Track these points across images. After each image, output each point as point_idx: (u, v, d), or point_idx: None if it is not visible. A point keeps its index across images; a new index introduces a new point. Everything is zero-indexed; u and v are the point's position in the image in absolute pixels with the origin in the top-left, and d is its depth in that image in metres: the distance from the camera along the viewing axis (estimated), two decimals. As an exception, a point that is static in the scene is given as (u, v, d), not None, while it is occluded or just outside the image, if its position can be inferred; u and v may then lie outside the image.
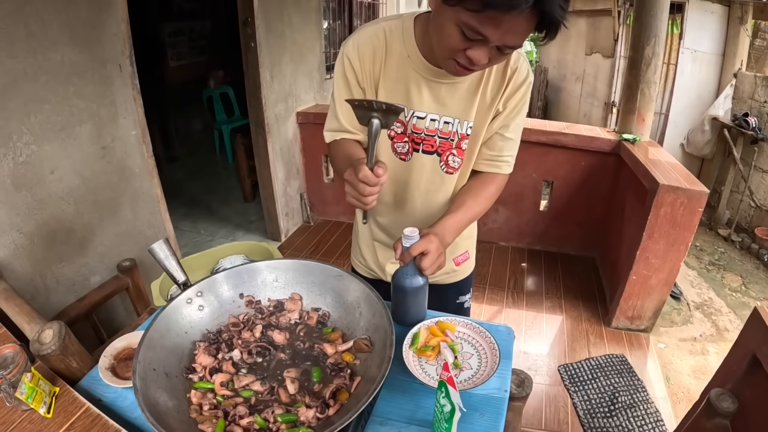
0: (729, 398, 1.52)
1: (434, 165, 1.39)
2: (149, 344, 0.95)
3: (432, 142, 1.35)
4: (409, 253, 1.12)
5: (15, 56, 1.91)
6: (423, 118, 1.32)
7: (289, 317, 1.13)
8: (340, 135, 1.39)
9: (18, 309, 1.72)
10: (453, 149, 1.36)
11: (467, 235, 1.64)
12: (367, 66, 1.30)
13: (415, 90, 1.29)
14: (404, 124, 1.34)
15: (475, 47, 1.02)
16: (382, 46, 1.28)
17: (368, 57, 1.28)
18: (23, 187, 2.03)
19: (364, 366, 1.00)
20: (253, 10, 3.35)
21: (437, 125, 1.33)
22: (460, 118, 1.32)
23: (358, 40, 1.29)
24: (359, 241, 1.71)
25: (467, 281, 1.75)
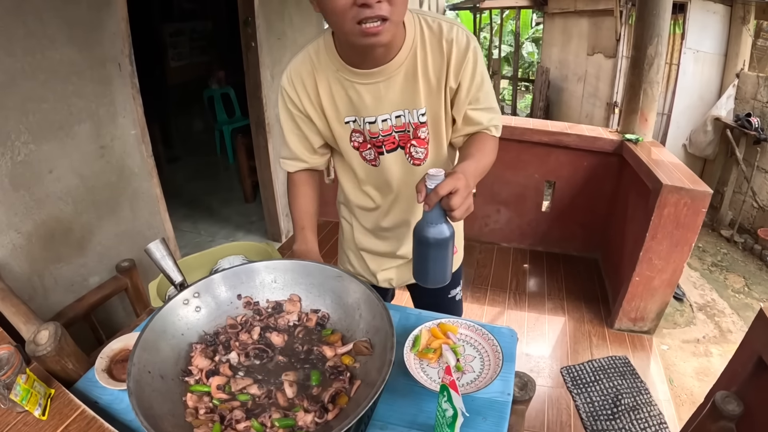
0: (734, 401, 1.50)
1: (401, 160, 1.39)
2: (145, 346, 0.93)
3: (392, 140, 1.35)
4: (436, 194, 1.00)
5: (13, 54, 1.90)
6: (374, 122, 1.31)
7: (288, 319, 1.11)
8: (294, 164, 1.45)
9: (15, 309, 1.70)
10: (412, 140, 1.35)
11: None
12: (303, 95, 1.32)
13: (356, 98, 1.28)
14: (361, 133, 1.34)
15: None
16: (310, 70, 1.29)
17: (301, 85, 1.30)
18: (21, 186, 2.02)
19: (364, 369, 0.98)
20: (254, 10, 3.34)
21: (390, 123, 1.32)
22: (408, 108, 1.30)
23: (290, 72, 1.32)
24: (345, 249, 1.72)
25: (457, 274, 1.74)
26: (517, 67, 12.90)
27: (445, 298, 1.73)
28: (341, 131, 1.36)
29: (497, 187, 4.05)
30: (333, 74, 1.27)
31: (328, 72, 1.28)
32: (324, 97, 1.31)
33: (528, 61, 14.84)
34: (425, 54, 1.25)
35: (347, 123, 1.34)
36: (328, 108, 1.32)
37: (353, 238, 1.64)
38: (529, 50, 14.98)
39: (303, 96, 1.31)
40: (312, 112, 1.33)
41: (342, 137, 1.37)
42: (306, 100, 1.32)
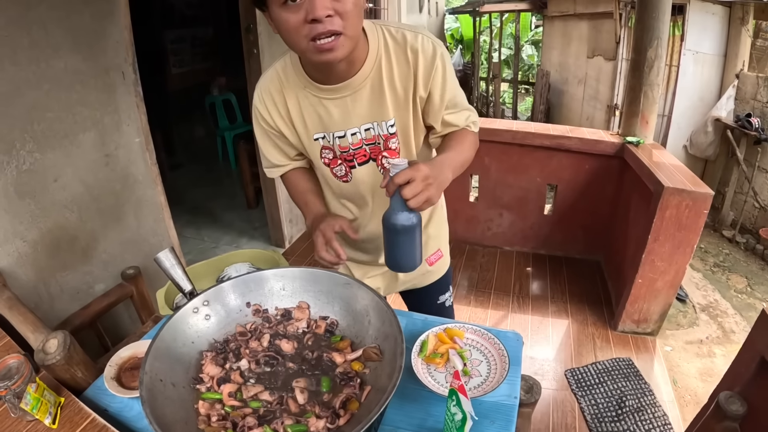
0: (738, 401, 1.50)
1: (374, 172, 1.39)
2: (156, 354, 0.93)
3: (363, 153, 1.35)
4: (392, 182, 1.05)
5: (18, 64, 1.91)
6: (343, 136, 1.32)
7: (297, 326, 1.12)
8: (277, 171, 1.48)
9: (22, 318, 1.71)
10: (383, 151, 1.35)
11: (435, 234, 1.65)
12: (274, 112, 1.33)
13: (324, 113, 1.29)
14: (331, 149, 1.35)
15: (308, 8, 1.00)
16: (278, 87, 1.31)
17: (272, 103, 1.32)
18: (26, 195, 2.03)
19: (374, 375, 0.99)
20: (256, 17, 3.35)
21: (360, 136, 1.32)
22: (377, 120, 1.30)
23: (260, 91, 1.34)
24: None
25: (445, 279, 1.74)
26: (517, 70, 12.90)
27: (434, 304, 1.75)
28: (312, 147, 1.37)
29: (499, 191, 4.06)
30: (300, 91, 1.28)
31: (297, 89, 1.29)
32: (294, 114, 1.32)
33: (528, 64, 14.85)
34: (390, 65, 1.24)
35: (316, 140, 1.35)
36: (298, 124, 1.34)
37: None
38: (528, 53, 14.98)
39: (274, 113, 1.33)
40: (284, 128, 1.35)
41: (313, 153, 1.38)
42: (277, 117, 1.34)
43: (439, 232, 1.66)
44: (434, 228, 1.62)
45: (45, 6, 1.97)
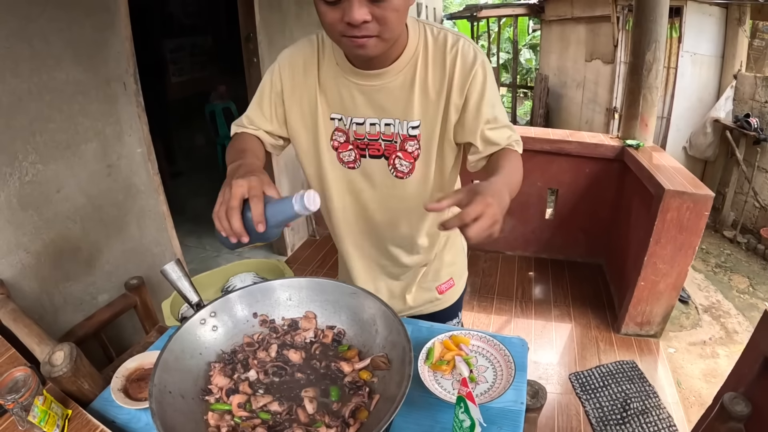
0: (742, 402, 1.50)
1: (383, 169, 1.31)
2: (164, 367, 0.93)
3: (377, 146, 1.28)
4: (459, 219, 0.86)
5: (19, 75, 1.92)
6: (362, 123, 1.26)
7: (304, 336, 1.12)
8: (242, 129, 1.34)
9: (27, 330, 1.71)
10: (398, 152, 1.28)
11: (450, 262, 1.57)
12: (298, 78, 1.27)
13: (347, 96, 1.24)
14: (345, 132, 1.28)
15: (346, 9, 0.96)
16: (314, 53, 1.25)
17: (300, 68, 1.26)
18: (29, 206, 2.04)
19: (383, 384, 0.99)
20: (255, 26, 3.37)
21: (378, 128, 1.26)
22: (399, 118, 1.24)
23: (292, 51, 1.28)
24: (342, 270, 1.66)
25: (454, 307, 1.67)
26: (515, 74, 12.94)
27: None
28: (323, 128, 1.29)
29: (500, 196, 4.06)
30: (332, 68, 1.23)
31: (329, 62, 1.23)
32: (320, 86, 1.26)
33: (526, 68, 14.90)
34: (426, 65, 1.20)
35: (332, 119, 1.28)
36: (321, 96, 1.26)
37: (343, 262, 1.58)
38: (527, 57, 15.03)
39: (299, 80, 1.27)
40: (293, 101, 1.29)
41: (322, 134, 1.29)
42: (300, 84, 1.27)
43: (454, 260, 1.59)
44: (450, 255, 1.57)
45: (46, 18, 1.98)
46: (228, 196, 0.95)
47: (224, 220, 0.94)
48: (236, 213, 0.94)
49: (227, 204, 0.94)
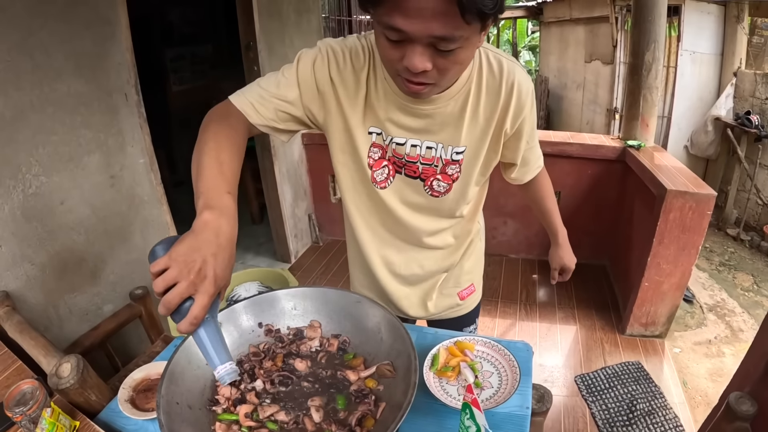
0: (748, 401, 1.51)
1: (418, 188, 1.28)
2: (171, 378, 0.94)
3: (414, 168, 1.24)
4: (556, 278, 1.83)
5: (21, 88, 1.93)
6: (402, 144, 1.20)
7: (310, 345, 1.12)
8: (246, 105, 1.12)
9: (33, 342, 1.72)
10: (438, 174, 1.24)
11: (469, 269, 1.57)
12: (349, 82, 1.16)
13: (393, 113, 1.17)
14: (383, 148, 1.23)
15: (407, 52, 0.91)
16: (364, 58, 1.15)
17: (351, 73, 1.15)
18: (33, 218, 2.04)
19: (388, 391, 0.99)
20: (255, 34, 3.38)
21: (419, 151, 1.21)
22: (444, 143, 1.20)
23: (341, 47, 1.15)
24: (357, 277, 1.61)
25: (473, 313, 1.67)
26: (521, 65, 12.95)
27: None
28: (359, 140, 1.21)
29: (503, 200, 4.07)
30: (381, 80, 1.15)
31: (378, 75, 1.15)
32: (368, 99, 1.17)
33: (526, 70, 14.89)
34: (479, 93, 1.16)
35: (370, 134, 1.21)
36: (359, 108, 1.18)
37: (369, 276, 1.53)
38: (526, 59, 15.04)
39: (350, 84, 1.16)
40: (329, 93, 1.16)
41: (362, 148, 1.22)
42: (351, 88, 1.16)
43: (474, 268, 1.60)
44: (470, 263, 1.57)
45: (47, 31, 1.98)
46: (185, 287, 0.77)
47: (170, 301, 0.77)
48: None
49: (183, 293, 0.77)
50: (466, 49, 0.93)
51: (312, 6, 4.22)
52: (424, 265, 1.46)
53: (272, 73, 1.16)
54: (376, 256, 1.44)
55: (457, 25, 0.84)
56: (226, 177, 0.95)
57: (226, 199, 0.90)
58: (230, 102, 1.13)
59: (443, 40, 0.87)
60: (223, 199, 0.90)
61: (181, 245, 0.80)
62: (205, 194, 0.89)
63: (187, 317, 0.77)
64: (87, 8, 2.14)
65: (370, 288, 1.55)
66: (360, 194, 1.33)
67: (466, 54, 0.95)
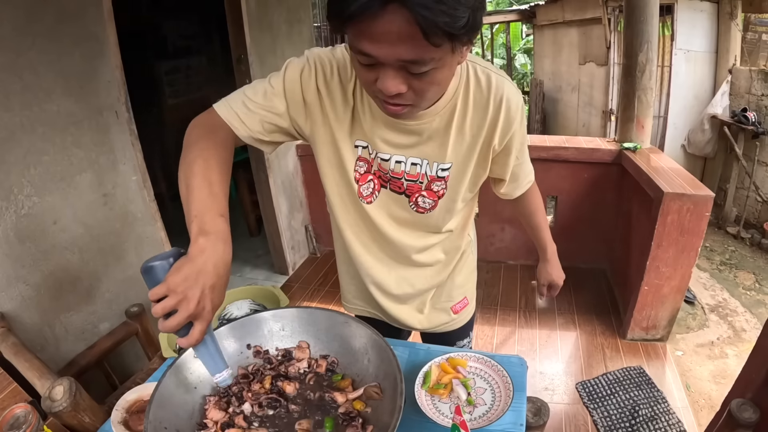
0: (750, 408, 1.49)
1: (403, 204, 1.26)
2: (159, 403, 0.93)
3: (399, 184, 1.23)
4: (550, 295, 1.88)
5: (11, 109, 1.93)
6: (387, 159, 1.18)
7: (298, 366, 1.11)
8: (230, 115, 1.10)
9: (28, 364, 1.72)
10: (423, 191, 1.23)
11: (461, 283, 1.56)
12: (336, 94, 1.14)
13: (378, 127, 1.15)
14: (368, 162, 1.21)
15: (380, 75, 0.89)
16: (353, 74, 1.13)
17: (334, 72, 1.13)
18: (27, 239, 2.04)
19: (376, 414, 0.98)
20: (246, 47, 3.38)
21: (403, 167, 1.19)
22: (429, 159, 1.18)
23: (329, 57, 1.13)
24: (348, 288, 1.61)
25: (467, 326, 1.66)
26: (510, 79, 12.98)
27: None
28: (346, 153, 1.19)
29: (500, 206, 4.00)
30: (365, 94, 1.12)
31: (363, 89, 1.12)
32: (349, 108, 1.15)
33: (521, 73, 14.94)
34: (465, 108, 1.14)
35: (356, 147, 1.19)
36: (346, 121, 1.16)
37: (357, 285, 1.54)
38: (521, 62, 15.07)
39: (337, 96, 1.14)
40: (314, 103, 1.14)
41: (348, 163, 1.20)
42: (336, 101, 1.14)
43: (466, 281, 1.59)
44: (462, 277, 1.55)
45: (35, 50, 1.99)
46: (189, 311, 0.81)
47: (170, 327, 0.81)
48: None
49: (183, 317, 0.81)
50: (441, 69, 0.91)
51: (303, 16, 4.22)
52: (414, 284, 1.45)
53: (258, 81, 1.14)
54: (366, 276, 1.43)
55: (424, 48, 0.82)
56: (218, 198, 0.93)
57: (220, 223, 0.90)
58: (215, 112, 1.11)
59: (413, 63, 0.86)
60: (217, 222, 0.89)
61: (179, 274, 0.81)
62: (198, 218, 0.88)
63: (187, 339, 0.83)
64: (75, 26, 2.15)
65: (362, 299, 1.56)
66: (348, 209, 1.31)
67: (442, 74, 0.93)
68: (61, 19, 2.08)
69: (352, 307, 1.63)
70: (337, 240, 1.47)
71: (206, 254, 0.84)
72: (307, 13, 4.32)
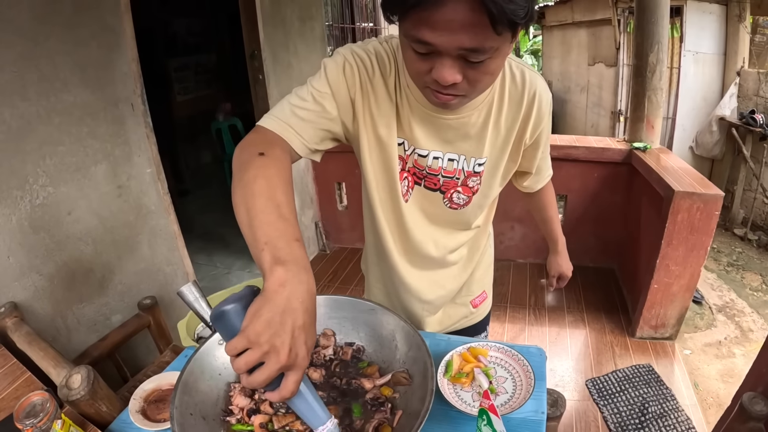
0: (761, 401, 1.49)
1: (437, 201, 1.25)
2: (184, 389, 0.93)
3: (435, 181, 1.21)
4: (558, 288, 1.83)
5: (28, 99, 1.93)
6: (425, 156, 1.17)
7: (324, 354, 1.11)
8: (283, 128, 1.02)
9: (43, 353, 1.72)
10: (458, 187, 1.22)
11: (479, 277, 1.55)
12: (379, 89, 1.11)
13: (416, 123, 1.13)
14: (404, 160, 1.19)
15: (435, 64, 0.88)
16: (392, 68, 1.10)
17: (380, 80, 1.10)
18: (41, 229, 2.04)
19: (404, 399, 0.98)
20: (260, 43, 3.38)
21: (441, 163, 1.18)
22: (466, 155, 1.18)
23: (367, 52, 1.09)
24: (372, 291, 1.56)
25: (484, 320, 1.66)
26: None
27: None
28: (389, 150, 1.16)
29: (510, 204, 4.05)
30: (404, 88, 1.11)
31: (401, 83, 1.11)
32: (392, 103, 1.12)
33: (530, 73, 14.92)
34: (502, 103, 1.13)
35: (398, 144, 1.17)
36: (390, 117, 1.13)
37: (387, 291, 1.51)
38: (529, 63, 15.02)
39: (380, 89, 1.11)
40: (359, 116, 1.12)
41: (393, 158, 1.17)
42: (365, 93, 1.11)
43: (485, 275, 1.59)
44: (481, 271, 1.55)
45: (53, 40, 1.99)
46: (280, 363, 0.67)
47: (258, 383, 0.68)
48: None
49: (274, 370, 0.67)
50: (496, 59, 0.90)
51: (315, 14, 4.22)
52: (445, 285, 1.45)
53: (299, 88, 1.09)
54: (400, 283, 1.41)
55: (487, 36, 0.81)
56: (290, 221, 0.82)
57: (297, 249, 0.77)
58: (265, 129, 1.03)
59: (473, 51, 0.84)
60: (293, 249, 0.77)
61: (260, 320, 0.67)
62: (270, 245, 0.76)
63: (279, 392, 0.70)
64: (92, 18, 2.15)
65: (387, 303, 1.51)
66: (386, 209, 1.27)
67: (496, 64, 0.92)
68: (78, 10, 2.08)
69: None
70: (369, 242, 1.46)
71: (288, 289, 0.71)
72: (319, 10, 4.33)
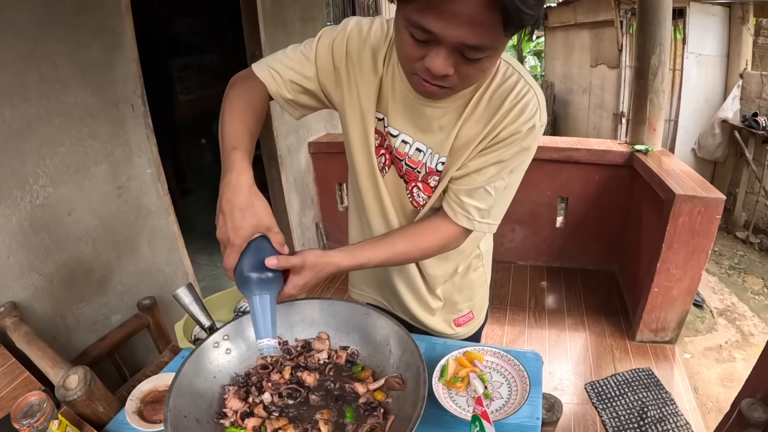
0: (760, 408, 1.49)
1: (402, 191, 1.23)
2: (178, 391, 0.93)
3: (400, 166, 1.19)
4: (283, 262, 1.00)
5: (28, 100, 1.93)
6: (396, 135, 1.15)
7: (318, 357, 1.11)
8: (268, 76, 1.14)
9: (41, 353, 1.72)
10: (419, 182, 1.18)
11: (467, 297, 1.48)
12: (366, 61, 1.12)
13: (392, 103, 1.12)
14: (382, 136, 1.18)
15: (430, 53, 0.85)
16: (384, 40, 1.11)
17: (369, 53, 1.11)
18: (41, 229, 2.04)
19: (397, 404, 0.98)
20: (261, 44, 3.38)
21: (407, 149, 1.15)
22: (433, 149, 1.13)
23: (373, 27, 1.12)
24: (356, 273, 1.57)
25: (473, 338, 1.57)
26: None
27: None
28: (367, 123, 1.17)
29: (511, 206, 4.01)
30: (392, 65, 1.10)
31: (392, 60, 1.10)
32: (377, 77, 1.12)
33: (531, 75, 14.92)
34: (479, 100, 1.06)
35: (377, 119, 1.17)
36: (372, 89, 1.13)
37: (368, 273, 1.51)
38: (531, 64, 15.06)
39: (366, 61, 1.12)
40: (342, 85, 1.15)
41: (370, 130, 1.17)
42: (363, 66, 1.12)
43: (472, 295, 1.50)
44: (469, 291, 1.48)
45: (53, 41, 1.99)
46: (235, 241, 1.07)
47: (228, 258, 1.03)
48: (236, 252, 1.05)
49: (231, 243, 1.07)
50: (492, 58, 0.89)
51: (317, 14, 4.23)
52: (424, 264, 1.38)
53: (295, 45, 1.17)
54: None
55: (494, 35, 0.80)
56: (236, 134, 1.05)
57: (231, 156, 1.03)
58: (251, 70, 1.17)
59: (473, 48, 0.83)
60: (229, 156, 1.03)
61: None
62: (224, 154, 1.04)
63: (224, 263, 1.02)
64: (93, 18, 2.15)
65: (370, 285, 1.55)
66: (368, 181, 1.26)
67: (491, 62, 0.91)
68: (79, 11, 2.08)
69: (358, 292, 1.60)
70: (352, 217, 1.44)
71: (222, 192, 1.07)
72: (321, 11, 4.34)
